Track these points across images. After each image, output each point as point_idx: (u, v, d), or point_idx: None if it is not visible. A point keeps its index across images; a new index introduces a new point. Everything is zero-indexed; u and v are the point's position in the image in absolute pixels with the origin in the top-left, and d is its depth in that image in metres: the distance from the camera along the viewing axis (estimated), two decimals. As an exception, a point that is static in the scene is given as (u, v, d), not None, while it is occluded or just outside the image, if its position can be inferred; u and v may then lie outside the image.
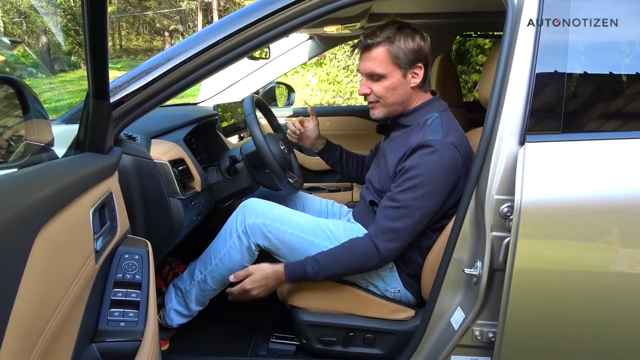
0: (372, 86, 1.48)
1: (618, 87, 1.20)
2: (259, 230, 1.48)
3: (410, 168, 1.36)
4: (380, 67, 1.44)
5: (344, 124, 2.84)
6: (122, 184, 1.16)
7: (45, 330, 0.60)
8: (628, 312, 1.17)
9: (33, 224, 0.59)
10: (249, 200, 1.56)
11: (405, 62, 1.44)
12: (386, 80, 1.46)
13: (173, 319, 1.60)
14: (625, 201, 1.12)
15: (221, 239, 1.55)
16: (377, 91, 1.47)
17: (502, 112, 1.17)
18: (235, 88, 2.67)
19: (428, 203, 1.35)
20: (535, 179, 1.11)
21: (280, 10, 1.22)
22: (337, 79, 8.29)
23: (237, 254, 1.51)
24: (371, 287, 1.50)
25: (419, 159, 1.35)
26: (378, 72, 1.45)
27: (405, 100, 1.50)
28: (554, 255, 1.16)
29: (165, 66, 1.22)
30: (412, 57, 1.44)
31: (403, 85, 1.46)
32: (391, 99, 1.48)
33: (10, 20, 14.78)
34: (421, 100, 1.52)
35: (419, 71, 1.46)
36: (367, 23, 2.16)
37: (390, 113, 1.52)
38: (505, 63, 1.20)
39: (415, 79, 1.47)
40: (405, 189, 1.36)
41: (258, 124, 1.62)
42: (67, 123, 1.45)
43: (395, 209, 1.36)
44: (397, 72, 1.45)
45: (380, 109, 1.51)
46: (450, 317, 1.32)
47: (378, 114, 1.52)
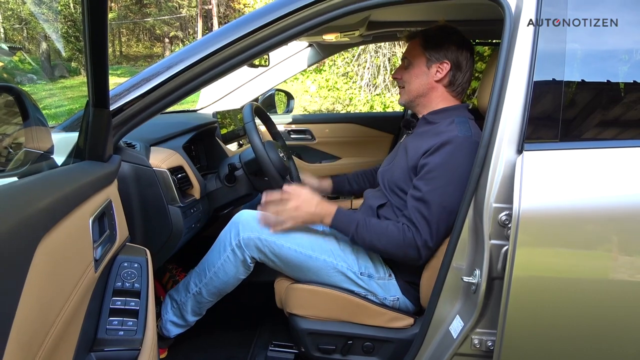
0: (402, 73, 1.61)
1: (615, 95, 1.21)
2: (254, 244, 1.48)
3: (439, 162, 1.37)
4: (411, 54, 1.58)
5: (343, 130, 2.85)
6: (121, 191, 1.16)
7: (46, 338, 0.60)
8: (626, 320, 1.17)
9: (35, 233, 0.59)
10: (242, 213, 1.55)
11: (434, 55, 1.54)
12: (412, 68, 1.57)
13: (170, 330, 1.60)
14: (623, 209, 1.13)
15: (215, 251, 1.54)
16: (405, 77, 1.60)
17: (500, 120, 1.17)
18: (235, 95, 2.67)
19: (457, 193, 1.34)
20: (533, 187, 1.11)
21: (280, 18, 1.23)
22: (337, 85, 8.31)
23: (231, 267, 1.51)
24: (370, 295, 1.50)
25: (448, 152, 1.37)
26: (409, 57, 1.59)
27: (426, 92, 1.57)
28: (552, 263, 1.16)
29: (166, 74, 1.22)
30: (441, 53, 1.53)
31: (425, 75, 1.55)
32: (413, 85, 1.57)
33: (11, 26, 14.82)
34: (449, 103, 1.57)
35: (444, 67, 1.53)
36: (366, 31, 2.17)
37: (412, 101, 1.61)
38: (503, 71, 1.20)
39: (439, 74, 1.54)
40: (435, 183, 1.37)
41: (257, 131, 1.63)
42: (67, 131, 1.45)
43: (423, 203, 1.37)
44: (423, 62, 1.55)
45: (404, 95, 1.62)
46: (449, 325, 1.32)
47: (402, 100, 1.64)
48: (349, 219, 1.44)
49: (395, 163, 1.57)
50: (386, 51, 7.86)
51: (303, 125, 2.83)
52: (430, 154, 1.39)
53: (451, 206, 1.34)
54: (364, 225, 1.42)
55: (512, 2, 1.21)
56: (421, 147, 1.44)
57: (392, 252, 1.41)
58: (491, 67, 1.50)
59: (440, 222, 1.36)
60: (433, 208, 1.35)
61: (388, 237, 1.39)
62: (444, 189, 1.35)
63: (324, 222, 1.46)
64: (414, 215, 1.38)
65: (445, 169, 1.36)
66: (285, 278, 1.58)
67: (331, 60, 8.36)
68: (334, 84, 8.33)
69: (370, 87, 8.08)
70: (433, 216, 1.35)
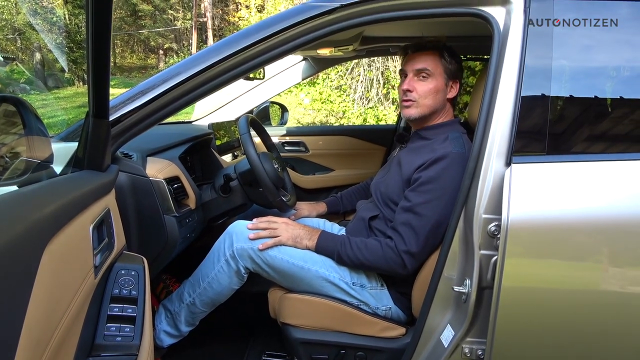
0: (416, 85, 1.53)
1: (599, 110, 1.25)
2: (247, 255, 1.49)
3: (432, 177, 1.39)
4: (432, 66, 1.51)
5: (336, 143, 2.88)
6: (118, 200, 1.18)
7: (50, 341, 0.62)
8: (614, 330, 1.20)
9: (41, 238, 0.61)
10: (236, 224, 1.57)
11: (451, 71, 1.54)
12: (432, 81, 1.52)
13: (163, 340, 1.60)
14: (607, 220, 1.16)
15: (209, 262, 1.55)
16: (420, 91, 1.53)
17: (490, 134, 1.21)
18: (230, 107, 2.70)
19: (448, 207, 1.36)
20: (521, 199, 1.15)
21: (276, 34, 1.26)
22: (330, 98, 8.38)
23: (225, 277, 1.52)
24: (362, 305, 1.51)
25: (442, 168, 1.39)
26: (429, 69, 1.51)
27: (438, 109, 1.56)
28: (540, 273, 1.19)
29: (163, 86, 1.25)
30: (455, 71, 1.54)
31: (443, 92, 1.54)
32: (429, 101, 1.53)
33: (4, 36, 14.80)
34: (446, 118, 1.59)
35: (456, 86, 1.56)
36: (360, 46, 2.21)
37: (422, 116, 1.56)
38: (492, 86, 1.24)
39: (451, 92, 1.56)
40: (426, 196, 1.39)
41: (252, 143, 1.65)
42: (65, 141, 1.47)
43: (413, 214, 1.39)
44: (442, 77, 1.53)
45: (415, 109, 1.54)
46: (440, 334, 1.34)
47: (414, 113, 1.55)
48: (333, 239, 1.50)
49: (389, 176, 1.59)
50: (379, 65, 7.94)
51: (297, 137, 2.86)
52: (425, 168, 1.42)
53: (440, 219, 1.37)
54: (347, 243, 1.47)
55: (500, 19, 1.26)
56: (415, 162, 1.46)
57: (377, 265, 1.44)
58: (481, 81, 1.54)
59: (428, 234, 1.38)
60: (422, 219, 1.38)
61: (369, 250, 1.44)
62: (436, 202, 1.38)
63: (309, 244, 1.51)
64: (400, 225, 1.41)
65: (437, 182, 1.38)
66: (278, 288, 1.59)
67: (325, 73, 8.43)
68: (327, 96, 8.40)
69: (363, 100, 8.15)
70: (421, 227, 1.38)
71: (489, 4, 1.26)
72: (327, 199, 2.00)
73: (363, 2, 1.26)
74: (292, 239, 1.50)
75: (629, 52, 1.24)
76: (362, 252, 1.44)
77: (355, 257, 1.45)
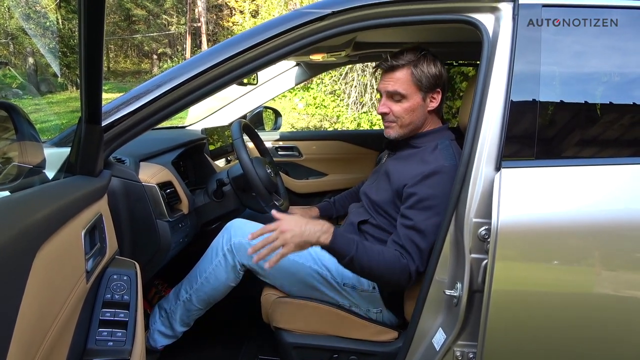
0: (391, 106, 1.50)
1: (589, 115, 1.27)
2: (245, 249, 1.50)
3: (431, 193, 1.38)
4: (403, 87, 1.47)
5: (330, 147, 2.89)
6: (111, 206, 1.18)
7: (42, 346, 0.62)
8: (604, 332, 1.21)
9: (33, 243, 0.62)
10: (235, 220, 1.59)
11: (426, 85, 1.48)
12: (407, 102, 1.48)
13: (157, 340, 1.60)
14: (595, 224, 1.18)
15: (207, 258, 1.57)
16: (396, 112, 1.50)
17: (479, 139, 1.22)
18: (224, 112, 2.71)
19: None
20: (510, 203, 1.16)
21: (269, 39, 1.27)
22: (324, 103, 8.39)
23: (222, 272, 1.53)
24: (354, 307, 1.52)
25: (437, 183, 1.38)
26: (400, 92, 1.47)
27: (420, 123, 1.53)
28: (530, 276, 1.20)
29: (156, 92, 1.25)
30: (433, 81, 1.48)
31: (421, 108, 1.50)
32: (408, 120, 1.50)
33: (-3, 41, 14.76)
34: (434, 126, 1.56)
35: (437, 96, 1.51)
36: (352, 51, 2.22)
37: (405, 134, 1.54)
38: (482, 91, 1.25)
39: (432, 103, 1.51)
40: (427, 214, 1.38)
41: (245, 148, 1.66)
42: (58, 146, 1.48)
43: (417, 232, 1.37)
44: (418, 94, 1.48)
45: (395, 129, 1.53)
46: (432, 337, 1.34)
47: (393, 134, 1.54)
48: (348, 239, 1.34)
49: (378, 185, 1.58)
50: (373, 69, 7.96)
51: (290, 142, 2.87)
52: (419, 182, 1.40)
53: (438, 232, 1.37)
54: (363, 247, 1.35)
55: (489, 26, 1.27)
56: (405, 172, 1.45)
57: (387, 278, 1.37)
58: (472, 87, 1.54)
59: (429, 248, 1.37)
60: (426, 237, 1.37)
61: (386, 262, 1.35)
62: (436, 219, 1.36)
63: (320, 240, 1.31)
64: (407, 244, 1.38)
65: (435, 199, 1.38)
66: (271, 292, 1.60)
67: (319, 78, 8.45)
68: (321, 101, 8.41)
69: (357, 105, 8.18)
70: (426, 245, 1.37)
71: (479, 11, 1.28)
72: (320, 204, 2.00)
73: (354, 9, 1.27)
74: (299, 246, 1.30)
75: (617, 57, 1.26)
76: (379, 262, 1.35)
77: (369, 263, 1.34)
